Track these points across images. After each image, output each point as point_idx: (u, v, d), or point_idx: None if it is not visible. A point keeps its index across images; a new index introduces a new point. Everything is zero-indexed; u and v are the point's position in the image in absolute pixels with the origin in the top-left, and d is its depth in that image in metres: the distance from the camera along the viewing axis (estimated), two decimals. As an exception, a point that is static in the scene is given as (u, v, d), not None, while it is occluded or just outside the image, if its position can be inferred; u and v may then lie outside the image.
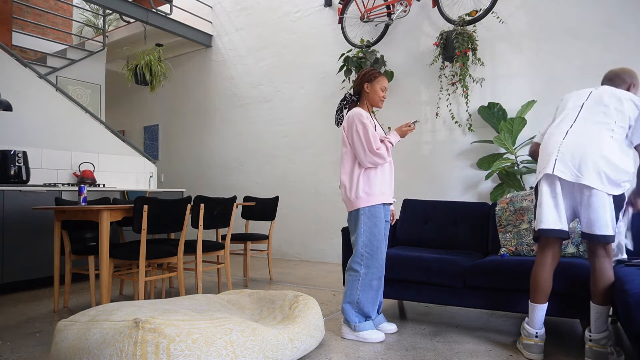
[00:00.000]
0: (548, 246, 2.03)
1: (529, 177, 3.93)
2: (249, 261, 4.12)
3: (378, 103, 2.51)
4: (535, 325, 2.03)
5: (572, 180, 1.92)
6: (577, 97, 2.14)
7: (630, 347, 2.20)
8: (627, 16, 3.63)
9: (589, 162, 1.89)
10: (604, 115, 1.99)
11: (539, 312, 2.03)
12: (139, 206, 2.73)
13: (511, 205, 2.68)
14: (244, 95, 6.20)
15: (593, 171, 1.88)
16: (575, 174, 1.91)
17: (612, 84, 2.18)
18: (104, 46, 6.36)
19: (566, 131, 2.02)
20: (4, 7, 5.42)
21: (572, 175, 1.91)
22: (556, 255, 2.04)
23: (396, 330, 2.51)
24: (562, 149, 1.96)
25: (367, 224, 2.36)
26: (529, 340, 2.05)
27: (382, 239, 2.41)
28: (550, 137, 2.07)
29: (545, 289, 2.01)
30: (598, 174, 1.88)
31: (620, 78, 2.17)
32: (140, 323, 1.61)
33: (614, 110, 1.99)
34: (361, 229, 2.37)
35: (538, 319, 2.02)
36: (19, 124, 4.30)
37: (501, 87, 4.19)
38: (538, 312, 2.03)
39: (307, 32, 5.59)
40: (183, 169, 6.91)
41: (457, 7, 4.38)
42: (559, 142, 2.00)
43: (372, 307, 2.39)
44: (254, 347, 1.79)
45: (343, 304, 2.39)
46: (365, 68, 2.57)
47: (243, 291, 2.60)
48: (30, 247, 3.72)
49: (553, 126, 2.12)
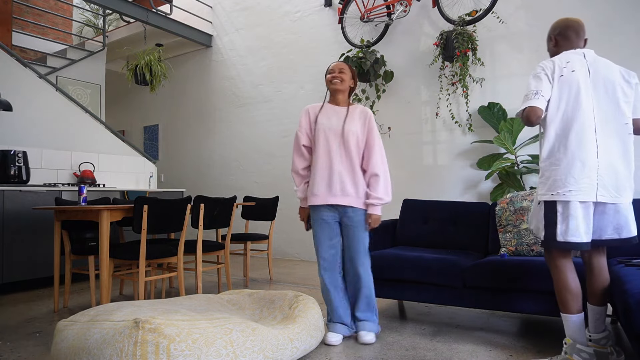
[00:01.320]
0: (569, 254, 1.92)
1: (529, 177, 3.93)
2: (249, 261, 4.12)
3: (330, 85, 2.41)
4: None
5: (611, 202, 1.83)
6: (580, 74, 1.92)
7: (630, 347, 2.19)
8: (627, 16, 3.63)
9: (625, 183, 1.84)
10: (619, 114, 1.88)
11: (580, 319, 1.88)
12: (139, 206, 2.73)
13: (511, 205, 2.68)
14: (244, 95, 6.20)
15: (629, 189, 1.86)
16: (614, 195, 1.83)
17: (583, 43, 2.10)
18: (104, 46, 6.36)
19: (596, 145, 1.82)
20: (4, 7, 5.41)
21: (611, 197, 1.83)
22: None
23: (339, 342, 2.30)
24: (600, 171, 1.81)
25: (313, 225, 2.40)
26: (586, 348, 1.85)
27: (321, 243, 2.36)
28: (580, 148, 1.82)
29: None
30: (631, 189, 1.87)
31: (584, 32, 2.13)
32: (140, 323, 1.61)
33: (624, 103, 1.89)
34: None
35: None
36: (19, 124, 4.30)
37: (501, 87, 4.19)
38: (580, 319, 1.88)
39: (307, 32, 5.58)
40: (183, 169, 6.91)
41: (457, 7, 4.38)
42: (596, 163, 1.81)
43: (333, 311, 2.39)
44: (254, 347, 1.79)
45: None
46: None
47: (243, 291, 2.60)
48: (30, 247, 3.72)
49: (574, 127, 1.84)
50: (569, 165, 1.82)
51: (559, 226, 1.83)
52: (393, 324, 2.66)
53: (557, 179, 1.84)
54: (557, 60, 1.97)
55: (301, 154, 2.43)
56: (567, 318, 1.86)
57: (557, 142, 1.87)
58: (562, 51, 2.04)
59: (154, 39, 6.47)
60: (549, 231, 1.86)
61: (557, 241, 1.83)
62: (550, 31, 2.14)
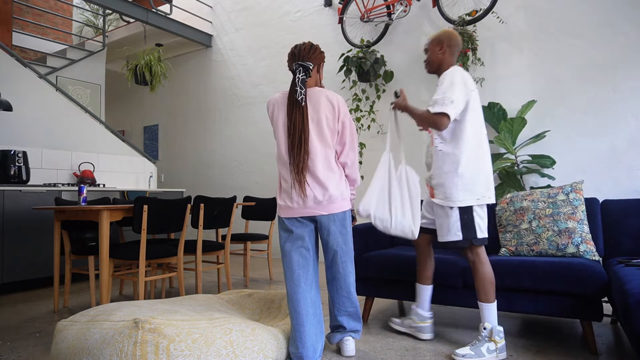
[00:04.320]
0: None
1: (529, 177, 3.93)
2: (249, 261, 4.12)
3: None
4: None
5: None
6: (476, 96, 2.11)
7: (630, 347, 2.19)
8: (627, 16, 3.63)
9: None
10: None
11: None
12: (139, 206, 2.73)
13: (511, 205, 2.68)
14: (244, 95, 6.20)
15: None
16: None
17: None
18: (103, 46, 6.36)
19: (490, 155, 2.14)
20: (4, 7, 5.42)
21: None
22: None
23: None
24: (489, 178, 2.13)
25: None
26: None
27: (288, 263, 2.04)
28: (484, 161, 2.09)
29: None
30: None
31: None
32: (140, 323, 1.61)
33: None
34: None
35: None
36: (19, 124, 4.30)
37: (501, 87, 4.19)
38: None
39: (307, 32, 5.58)
40: (183, 169, 6.91)
41: (457, 7, 4.38)
42: (491, 174, 2.13)
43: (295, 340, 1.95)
44: (254, 347, 1.79)
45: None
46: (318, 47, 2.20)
47: (243, 291, 2.60)
48: (30, 247, 3.72)
49: (479, 143, 2.09)
50: (487, 174, 2.10)
51: (478, 226, 2.07)
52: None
53: (472, 187, 2.06)
54: (467, 74, 2.13)
55: None
56: (490, 307, 2.07)
57: (473, 152, 2.07)
58: (446, 62, 2.18)
59: (154, 39, 6.47)
60: (469, 232, 2.06)
61: (478, 238, 2.08)
62: (443, 38, 2.19)
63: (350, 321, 2.12)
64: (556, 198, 2.51)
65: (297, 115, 1.98)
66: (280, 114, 2.05)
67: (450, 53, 2.17)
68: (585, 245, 2.36)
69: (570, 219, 2.41)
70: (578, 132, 3.82)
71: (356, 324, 2.14)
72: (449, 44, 2.16)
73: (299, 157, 1.97)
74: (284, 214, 2.06)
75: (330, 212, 2.02)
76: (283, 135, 2.03)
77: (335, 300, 2.13)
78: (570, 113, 3.86)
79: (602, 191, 3.65)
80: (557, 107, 3.91)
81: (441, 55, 2.17)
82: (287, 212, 2.05)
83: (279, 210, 2.10)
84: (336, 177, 2.04)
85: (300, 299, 1.98)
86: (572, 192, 2.50)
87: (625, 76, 3.63)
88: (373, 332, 2.48)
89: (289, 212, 2.04)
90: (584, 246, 2.36)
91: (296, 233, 2.05)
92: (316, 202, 2.01)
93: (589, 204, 2.61)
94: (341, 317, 2.12)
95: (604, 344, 2.26)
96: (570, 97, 3.86)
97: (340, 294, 2.11)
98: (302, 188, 1.98)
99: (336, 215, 2.04)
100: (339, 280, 2.11)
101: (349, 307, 2.11)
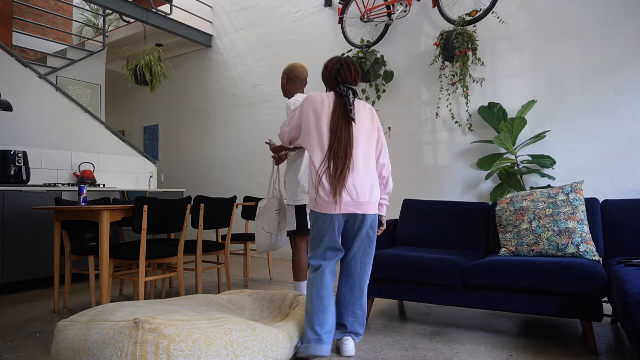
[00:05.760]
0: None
1: (529, 177, 3.94)
2: (249, 261, 4.12)
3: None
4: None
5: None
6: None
7: (630, 347, 2.19)
8: (627, 16, 3.63)
9: None
10: None
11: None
12: (139, 206, 2.73)
13: (511, 205, 2.68)
14: (244, 95, 6.20)
15: None
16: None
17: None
18: (104, 46, 6.36)
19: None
20: (4, 7, 5.42)
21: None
22: None
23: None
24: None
25: None
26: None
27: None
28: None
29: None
30: None
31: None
32: (140, 323, 1.61)
33: None
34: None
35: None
36: (19, 124, 4.30)
37: (501, 87, 4.19)
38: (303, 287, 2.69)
39: (307, 32, 5.58)
40: (183, 169, 6.91)
41: (457, 7, 4.38)
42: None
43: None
44: (254, 347, 1.79)
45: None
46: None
47: (243, 291, 2.60)
48: (30, 247, 3.72)
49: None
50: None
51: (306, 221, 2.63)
52: (393, 324, 2.66)
53: (305, 190, 2.67)
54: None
55: None
56: (301, 284, 2.71)
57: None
58: (293, 90, 3.01)
59: (154, 39, 6.47)
60: (299, 224, 2.69)
61: (303, 230, 2.66)
62: (295, 72, 2.96)
63: (354, 324, 2.14)
64: (556, 198, 2.51)
65: (343, 130, 2.08)
66: (324, 117, 2.14)
67: (292, 84, 2.85)
68: (585, 245, 2.36)
69: (570, 219, 2.41)
70: (578, 132, 3.82)
71: (359, 327, 2.15)
72: (290, 75, 2.84)
73: (341, 167, 2.04)
74: (319, 208, 2.09)
75: (365, 212, 2.08)
76: (326, 135, 2.10)
77: (346, 299, 2.15)
78: (570, 113, 3.86)
79: (602, 191, 3.65)
80: (557, 107, 3.92)
81: (290, 87, 2.91)
82: (322, 207, 2.08)
83: (314, 204, 2.12)
84: (374, 181, 2.13)
85: (327, 286, 2.07)
86: (572, 192, 2.51)
87: (625, 76, 3.63)
88: (373, 332, 2.48)
89: (325, 207, 2.07)
90: (584, 246, 2.36)
91: (330, 227, 2.09)
92: (354, 201, 2.05)
93: (589, 204, 2.61)
94: (347, 318, 2.14)
95: (604, 344, 2.26)
96: (570, 97, 3.86)
97: (353, 293, 2.14)
98: (340, 189, 2.03)
99: (369, 217, 2.10)
100: (355, 279, 2.14)
101: (357, 308, 2.14)
